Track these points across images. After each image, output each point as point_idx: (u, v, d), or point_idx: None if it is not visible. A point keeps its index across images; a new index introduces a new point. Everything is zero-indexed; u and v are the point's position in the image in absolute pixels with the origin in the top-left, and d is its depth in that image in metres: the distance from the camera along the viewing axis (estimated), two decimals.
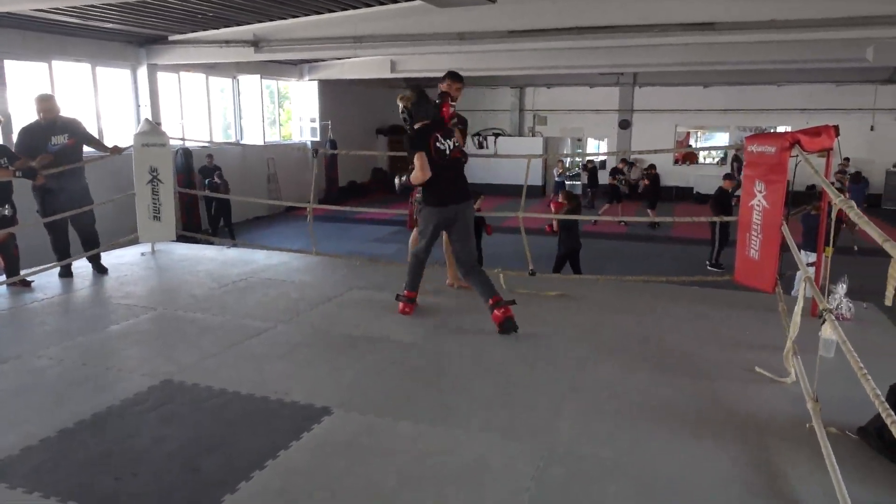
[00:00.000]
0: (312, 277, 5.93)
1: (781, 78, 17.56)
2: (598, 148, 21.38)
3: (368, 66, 14.55)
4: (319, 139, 17.67)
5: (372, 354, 3.96)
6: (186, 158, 13.19)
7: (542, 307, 4.91)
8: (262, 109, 16.24)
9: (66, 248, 5.83)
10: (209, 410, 3.25)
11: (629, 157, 17.47)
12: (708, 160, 20.66)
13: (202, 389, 3.46)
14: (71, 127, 5.77)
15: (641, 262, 11.14)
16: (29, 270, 5.65)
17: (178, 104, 13.71)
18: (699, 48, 11.51)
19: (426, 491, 2.55)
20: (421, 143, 4.29)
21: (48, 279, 5.70)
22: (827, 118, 12.65)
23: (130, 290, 5.49)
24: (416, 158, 4.23)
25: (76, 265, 5.97)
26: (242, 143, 15.68)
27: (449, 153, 4.34)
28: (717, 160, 20.34)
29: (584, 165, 18.43)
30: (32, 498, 2.50)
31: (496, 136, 20.04)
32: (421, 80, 13.81)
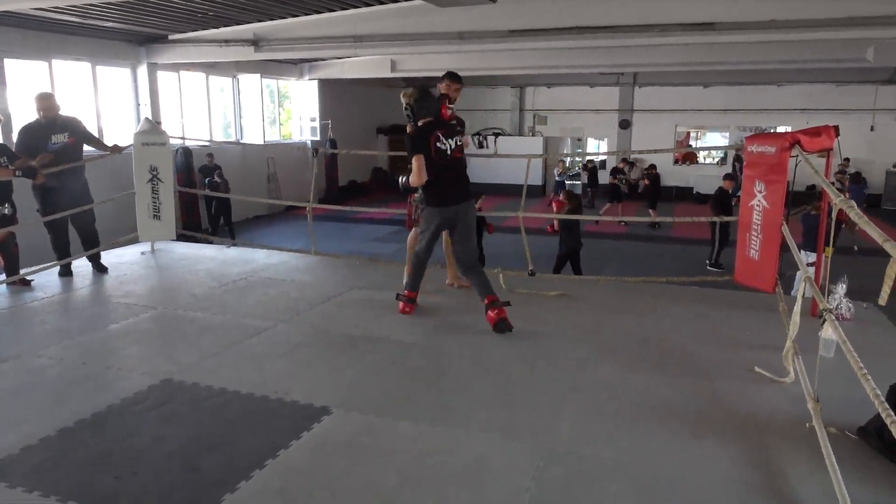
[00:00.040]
0: (312, 277, 5.92)
1: (781, 78, 17.56)
2: (598, 148, 21.39)
3: (368, 65, 14.56)
4: (319, 138, 17.66)
5: (372, 354, 3.95)
6: (186, 157, 13.18)
7: (542, 307, 4.91)
8: (262, 109, 16.23)
9: (66, 246, 5.83)
10: (209, 410, 3.25)
11: (629, 156, 17.46)
12: (708, 160, 20.67)
13: (202, 389, 3.46)
14: (71, 126, 5.77)
15: (641, 262, 11.15)
16: (29, 269, 5.65)
17: (178, 103, 13.70)
18: (699, 48, 11.52)
19: (426, 491, 2.55)
20: (421, 143, 4.23)
21: (48, 278, 5.70)
22: (827, 118, 12.64)
23: (130, 289, 5.49)
24: (413, 160, 4.20)
25: (76, 264, 5.97)
26: (242, 142, 15.68)
27: (450, 153, 4.29)
28: (717, 160, 20.35)
29: (584, 165, 18.43)
30: (32, 497, 2.50)
31: (496, 135, 20.04)
32: (420, 79, 13.79)
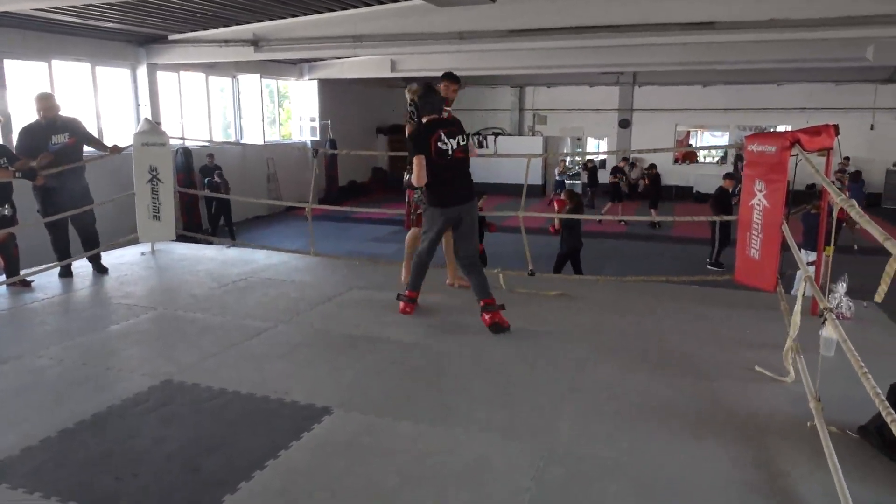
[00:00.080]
0: (312, 277, 5.92)
1: (781, 77, 17.56)
2: (597, 147, 21.40)
3: (368, 65, 14.56)
4: (319, 138, 17.66)
5: (372, 354, 3.95)
6: (186, 158, 13.18)
7: (542, 307, 4.91)
8: (261, 109, 16.24)
9: (66, 247, 5.83)
10: (209, 410, 3.25)
11: (629, 156, 17.47)
12: (708, 159, 20.67)
13: (202, 389, 3.46)
14: (71, 126, 5.77)
15: (642, 261, 11.15)
16: (29, 270, 5.65)
17: (177, 104, 13.71)
18: (699, 47, 11.52)
19: (426, 491, 2.55)
20: (422, 143, 4.19)
21: (48, 279, 5.70)
22: (827, 117, 12.65)
23: (130, 289, 5.49)
24: (414, 161, 4.17)
25: (76, 265, 5.97)
26: (242, 142, 15.68)
27: (451, 153, 4.24)
28: (716, 159, 20.35)
29: (584, 165, 18.43)
30: (33, 498, 2.50)
31: (496, 135, 20.04)
32: (420, 79, 13.79)
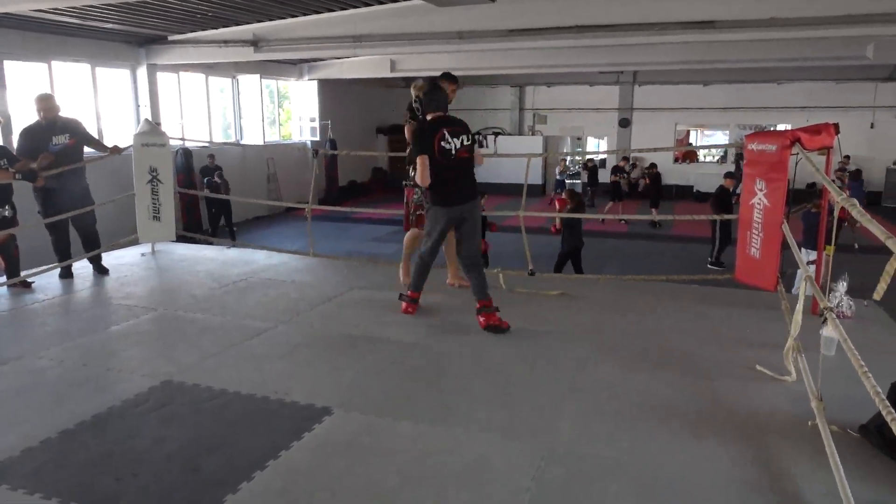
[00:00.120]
0: (312, 277, 5.92)
1: (781, 76, 17.56)
2: (597, 147, 21.39)
3: (368, 65, 14.56)
4: (319, 139, 17.66)
5: (372, 354, 3.95)
6: (186, 158, 13.18)
7: (542, 307, 4.91)
8: (261, 109, 16.24)
9: (66, 248, 5.83)
10: (209, 411, 3.25)
11: (630, 156, 17.47)
12: (708, 158, 20.66)
13: (202, 390, 3.46)
14: (71, 127, 5.77)
15: (642, 260, 11.15)
16: (29, 271, 5.65)
17: (177, 104, 13.71)
18: (699, 46, 11.52)
19: (426, 491, 2.55)
20: (426, 143, 4.16)
21: (49, 280, 5.70)
22: (827, 116, 12.66)
23: (131, 290, 5.49)
24: (417, 161, 4.15)
25: (76, 266, 5.97)
26: (242, 143, 15.68)
27: (455, 153, 4.20)
28: (717, 158, 20.34)
29: (584, 164, 18.43)
30: (34, 499, 2.50)
31: (496, 135, 20.04)
32: (420, 79, 13.80)
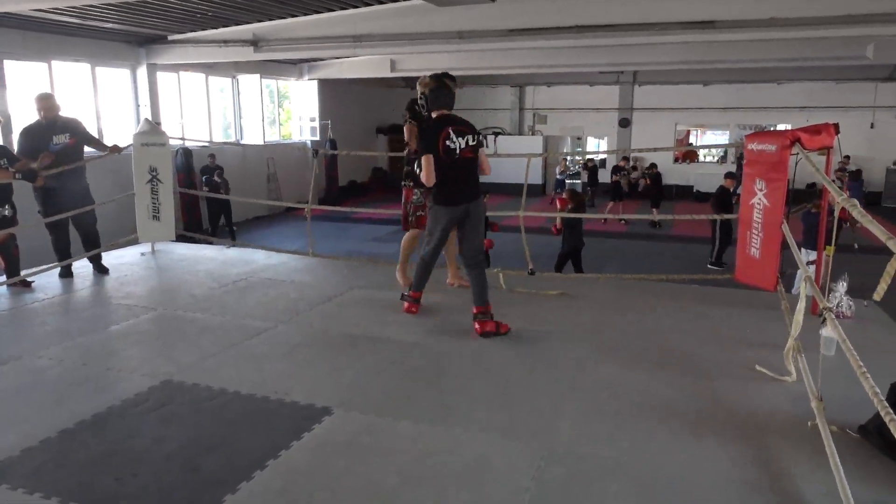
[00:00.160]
0: (312, 277, 5.92)
1: (781, 76, 17.56)
2: (597, 146, 21.40)
3: (368, 65, 14.56)
4: (319, 138, 17.66)
5: (372, 354, 3.95)
6: (186, 158, 13.18)
7: (542, 306, 4.90)
8: (261, 109, 16.24)
9: (66, 247, 5.83)
10: (209, 410, 3.25)
11: (630, 156, 17.47)
12: (708, 158, 20.66)
13: (202, 389, 3.46)
14: (72, 126, 5.77)
15: (642, 260, 11.15)
16: (29, 271, 5.65)
17: (177, 104, 13.72)
18: (699, 46, 11.52)
19: (426, 491, 2.55)
20: (431, 142, 4.13)
21: (48, 279, 5.70)
22: (827, 116, 12.66)
23: (130, 290, 5.49)
24: (423, 160, 4.14)
25: (76, 265, 5.97)
26: (242, 142, 15.68)
27: (459, 152, 4.17)
28: (717, 159, 20.34)
29: (584, 164, 18.43)
30: (33, 499, 2.50)
31: (496, 134, 20.04)
32: (426, 76, 13.82)
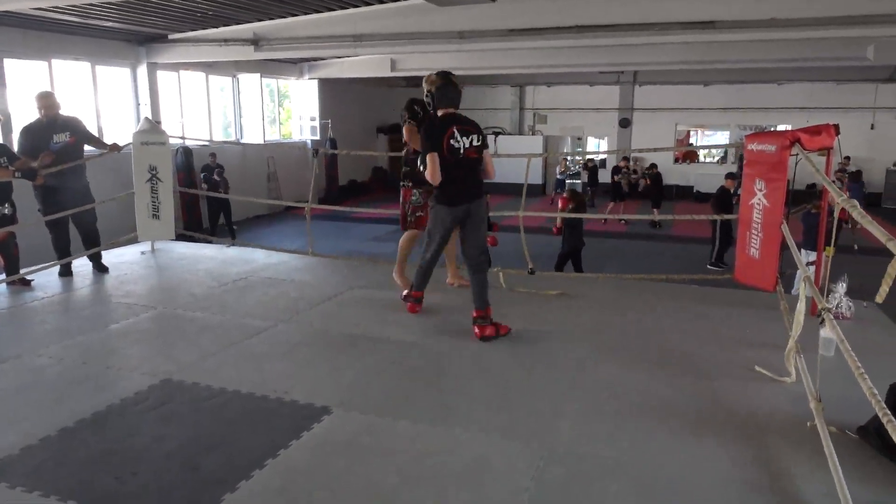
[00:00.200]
0: (312, 276, 5.92)
1: (782, 76, 17.56)
2: (597, 147, 21.39)
3: (368, 64, 14.56)
4: (319, 138, 17.66)
5: (372, 354, 3.95)
6: (187, 157, 13.18)
7: (542, 306, 4.90)
8: (262, 108, 16.24)
9: (66, 246, 5.83)
10: (209, 409, 3.25)
11: (630, 156, 17.47)
12: (708, 159, 20.66)
13: (202, 388, 3.46)
14: (72, 125, 5.78)
15: (642, 260, 11.15)
16: (29, 269, 5.65)
17: (177, 103, 13.71)
18: (699, 47, 11.52)
19: (426, 490, 2.55)
20: (435, 140, 4.11)
21: (48, 278, 5.69)
22: (827, 117, 12.66)
23: (130, 288, 5.49)
24: (427, 159, 4.12)
25: (76, 264, 5.97)
26: (242, 141, 15.68)
27: (463, 152, 4.16)
28: (717, 159, 20.34)
29: (584, 164, 18.43)
30: (32, 497, 2.50)
31: (496, 134, 20.03)
32: (420, 79, 13.82)
